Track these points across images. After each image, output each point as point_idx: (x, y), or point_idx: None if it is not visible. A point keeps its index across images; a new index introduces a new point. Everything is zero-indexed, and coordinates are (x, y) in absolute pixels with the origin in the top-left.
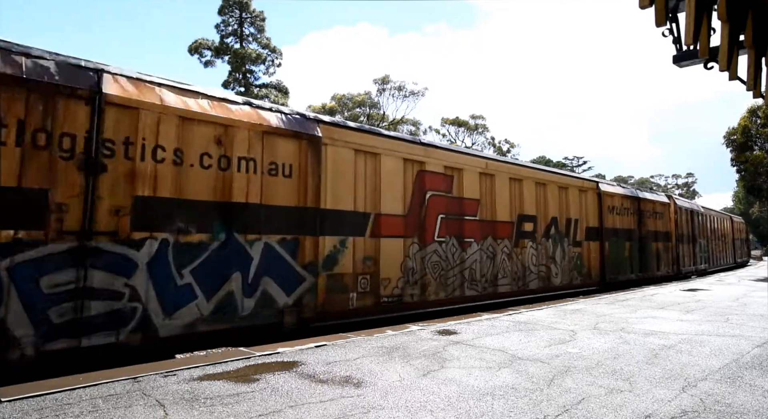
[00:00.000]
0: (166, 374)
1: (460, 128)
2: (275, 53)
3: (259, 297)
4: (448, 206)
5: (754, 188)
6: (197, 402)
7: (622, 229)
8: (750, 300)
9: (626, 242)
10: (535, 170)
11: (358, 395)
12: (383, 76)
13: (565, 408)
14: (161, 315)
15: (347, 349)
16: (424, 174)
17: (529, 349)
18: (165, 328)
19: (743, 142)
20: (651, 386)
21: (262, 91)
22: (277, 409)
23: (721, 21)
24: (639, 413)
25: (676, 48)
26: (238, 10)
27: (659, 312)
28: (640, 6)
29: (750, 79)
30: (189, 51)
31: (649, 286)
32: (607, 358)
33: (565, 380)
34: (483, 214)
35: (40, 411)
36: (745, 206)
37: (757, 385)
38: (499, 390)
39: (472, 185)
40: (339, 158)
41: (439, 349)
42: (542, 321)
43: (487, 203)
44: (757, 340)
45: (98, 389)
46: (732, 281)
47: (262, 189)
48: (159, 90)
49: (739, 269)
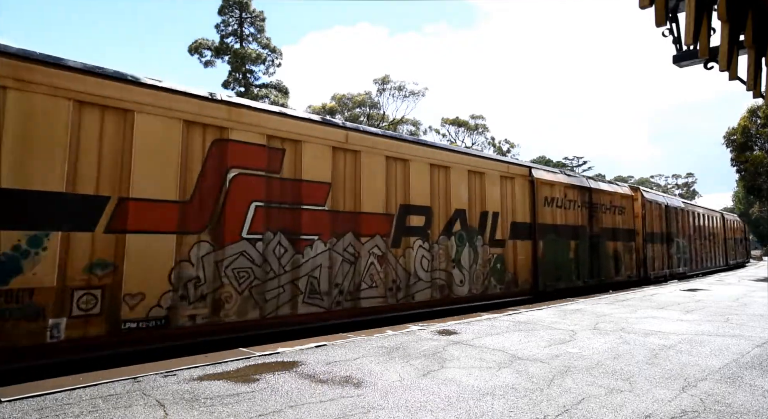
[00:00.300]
0: (166, 374)
1: (460, 128)
2: (275, 53)
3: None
4: (272, 191)
5: (754, 188)
6: (197, 402)
7: (565, 225)
8: (750, 300)
9: (571, 241)
10: (430, 148)
11: (358, 395)
12: (383, 76)
13: (565, 408)
14: None
15: (347, 349)
16: (225, 145)
17: (529, 349)
18: None
19: (743, 142)
20: (651, 386)
21: (262, 91)
22: (277, 409)
23: (721, 21)
24: (639, 413)
25: (676, 48)
26: (238, 10)
27: (659, 312)
28: (640, 6)
29: (750, 79)
30: (189, 51)
31: (609, 292)
32: (607, 358)
33: (565, 380)
34: (337, 203)
35: (40, 411)
36: (745, 206)
37: (757, 385)
38: (499, 390)
39: (318, 164)
40: (37, 110)
41: (439, 349)
42: (542, 321)
43: (346, 189)
44: (757, 340)
45: (98, 389)
46: (732, 281)
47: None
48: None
49: (739, 270)
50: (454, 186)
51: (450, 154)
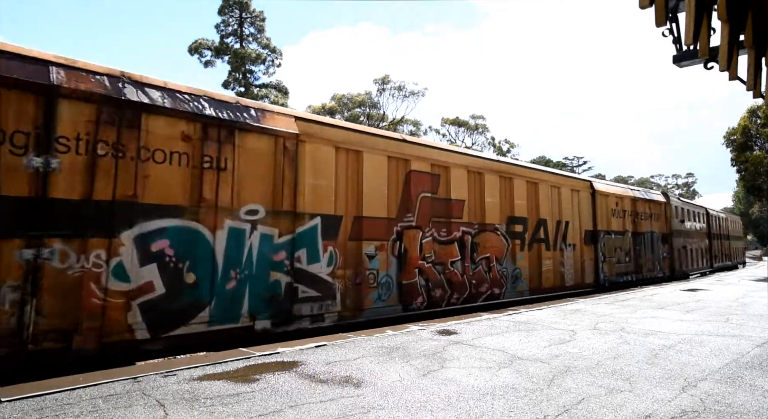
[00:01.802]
0: (166, 374)
1: (460, 128)
2: (275, 53)
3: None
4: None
5: (754, 188)
6: (197, 402)
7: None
8: (750, 300)
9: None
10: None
11: (358, 395)
12: (383, 76)
13: (565, 408)
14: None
15: (347, 349)
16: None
17: (529, 349)
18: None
19: (743, 142)
20: (651, 386)
21: (262, 91)
22: (277, 409)
23: (721, 21)
24: (639, 413)
25: (676, 48)
26: (238, 10)
27: (659, 312)
28: (640, 6)
29: (750, 79)
30: (189, 51)
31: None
32: (607, 358)
33: (565, 380)
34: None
35: (40, 411)
36: (745, 206)
37: (757, 385)
38: (499, 390)
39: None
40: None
41: (439, 349)
42: (542, 321)
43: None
44: (757, 340)
45: (98, 389)
46: (732, 281)
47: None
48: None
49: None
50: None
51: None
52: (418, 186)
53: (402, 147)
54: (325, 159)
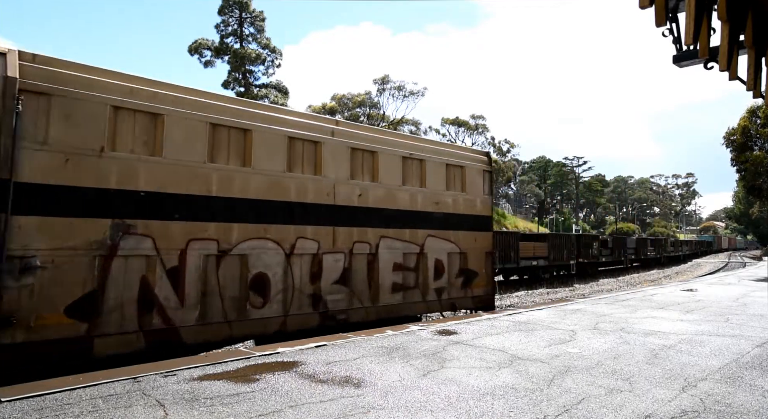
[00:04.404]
0: (166, 374)
1: (461, 127)
2: (275, 53)
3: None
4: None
5: (754, 188)
6: (197, 402)
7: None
8: (750, 300)
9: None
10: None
11: (358, 395)
12: (383, 76)
13: (565, 408)
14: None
15: (347, 349)
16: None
17: (529, 349)
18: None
19: (743, 142)
20: (651, 386)
21: (262, 91)
22: (277, 409)
23: (721, 21)
24: (639, 413)
25: (676, 48)
26: (238, 10)
27: (659, 312)
28: (640, 6)
29: (750, 79)
30: (189, 51)
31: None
32: (607, 358)
33: (565, 380)
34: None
35: (40, 411)
36: (745, 206)
37: (757, 385)
38: (499, 390)
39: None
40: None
41: (439, 349)
42: (542, 321)
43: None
44: (757, 340)
45: (98, 389)
46: (732, 281)
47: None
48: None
49: (740, 270)
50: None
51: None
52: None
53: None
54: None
